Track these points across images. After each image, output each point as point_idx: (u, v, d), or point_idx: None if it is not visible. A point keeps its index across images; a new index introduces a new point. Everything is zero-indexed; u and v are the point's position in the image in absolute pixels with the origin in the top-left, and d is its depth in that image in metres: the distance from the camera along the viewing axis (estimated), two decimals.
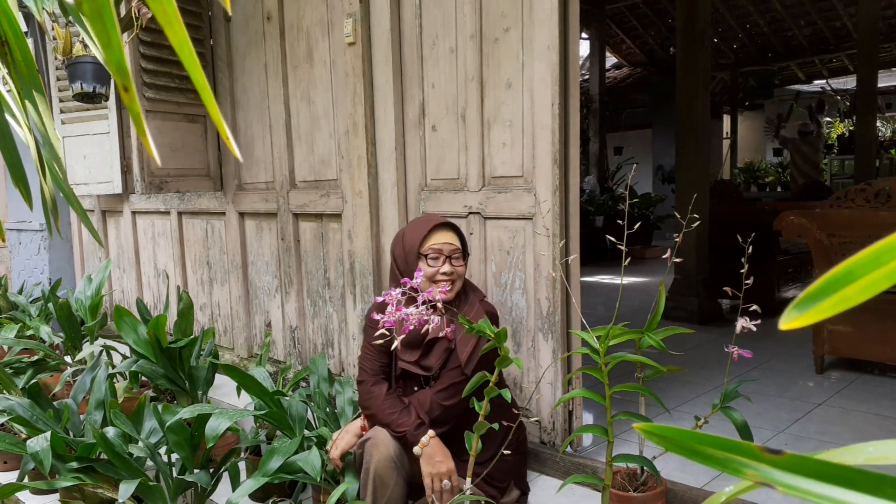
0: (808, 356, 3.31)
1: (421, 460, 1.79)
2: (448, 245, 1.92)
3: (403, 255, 1.96)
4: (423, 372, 1.94)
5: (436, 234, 1.94)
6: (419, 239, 1.93)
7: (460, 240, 1.98)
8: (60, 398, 2.64)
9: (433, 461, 1.78)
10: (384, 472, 1.78)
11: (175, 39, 0.47)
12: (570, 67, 2.16)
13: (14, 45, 0.86)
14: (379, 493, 1.77)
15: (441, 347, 1.91)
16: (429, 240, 1.93)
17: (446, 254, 1.91)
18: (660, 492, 1.78)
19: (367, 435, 1.87)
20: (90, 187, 3.59)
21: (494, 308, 2.03)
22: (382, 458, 1.78)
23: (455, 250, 1.93)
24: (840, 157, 10.49)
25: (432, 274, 1.89)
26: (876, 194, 3.07)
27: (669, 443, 0.38)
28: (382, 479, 1.78)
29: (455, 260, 1.92)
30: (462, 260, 1.96)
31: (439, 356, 1.92)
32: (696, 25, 4.25)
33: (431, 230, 1.94)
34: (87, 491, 2.00)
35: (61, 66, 3.05)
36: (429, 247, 1.92)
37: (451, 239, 1.94)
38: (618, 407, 1.88)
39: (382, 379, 1.99)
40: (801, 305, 0.34)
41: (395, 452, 1.80)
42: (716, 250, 4.37)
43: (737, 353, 1.69)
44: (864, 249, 0.33)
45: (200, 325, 3.69)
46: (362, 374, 2.01)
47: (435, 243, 1.92)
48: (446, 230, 1.96)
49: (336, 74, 2.79)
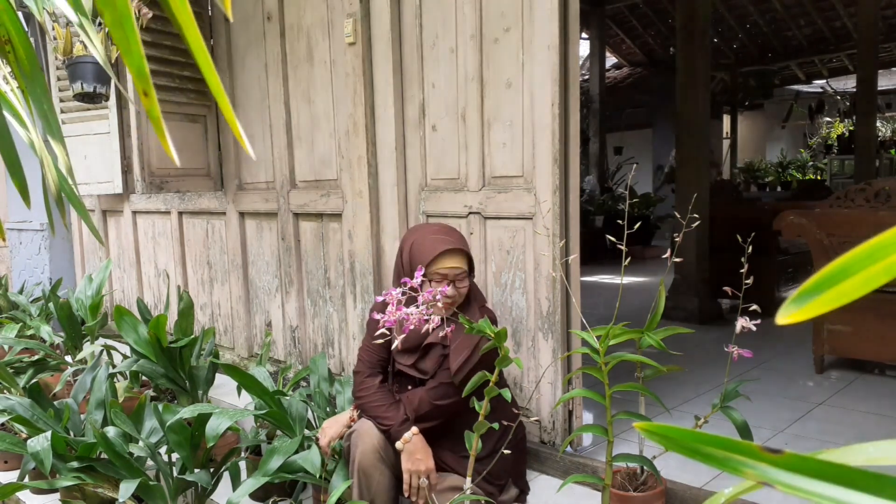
0: (808, 356, 3.31)
1: (402, 456, 1.81)
2: (454, 270, 1.89)
3: (410, 269, 1.91)
4: (419, 375, 1.96)
5: (444, 259, 1.89)
6: (427, 260, 1.88)
7: (468, 260, 1.95)
8: (61, 398, 2.64)
9: (413, 458, 1.81)
10: (368, 463, 1.80)
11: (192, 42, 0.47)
12: (570, 67, 2.16)
13: (17, 44, 0.87)
14: (364, 485, 1.80)
15: (437, 353, 1.93)
16: (436, 264, 1.89)
17: (451, 278, 1.89)
18: (660, 491, 1.79)
19: (353, 426, 1.88)
20: (90, 187, 3.59)
21: (494, 314, 2.04)
22: (367, 449, 1.81)
23: (461, 273, 1.90)
24: (840, 157, 10.49)
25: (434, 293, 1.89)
26: (876, 194, 3.07)
27: (670, 442, 0.38)
28: (367, 471, 1.80)
29: (459, 282, 1.90)
30: (466, 280, 1.93)
31: (436, 361, 1.93)
32: (696, 25, 4.25)
33: (440, 255, 1.89)
34: (88, 490, 2.00)
35: (62, 65, 3.05)
36: (434, 271, 1.88)
37: (459, 263, 1.91)
38: (618, 406, 1.88)
39: (378, 372, 2.01)
40: (798, 300, 0.35)
41: (379, 444, 1.83)
42: (716, 250, 4.37)
43: (737, 352, 1.69)
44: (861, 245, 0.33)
45: (201, 325, 3.69)
46: (359, 364, 2.04)
47: (442, 267, 1.88)
48: (455, 255, 1.91)
49: (336, 74, 2.79)
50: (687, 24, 4.30)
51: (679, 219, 1.84)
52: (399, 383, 2.02)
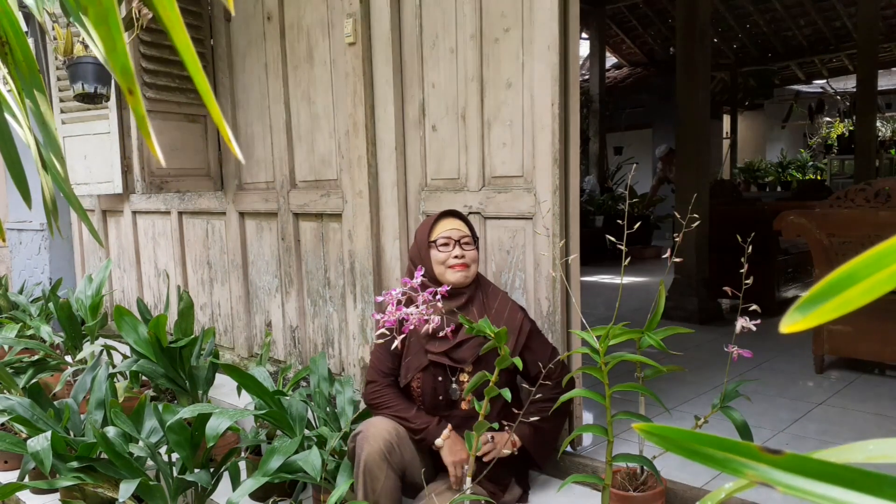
0: (807, 356, 3.31)
1: (443, 452, 1.89)
2: (456, 231, 2.00)
3: (417, 251, 2.04)
4: (453, 364, 1.95)
5: (442, 222, 2.02)
6: (427, 229, 2.02)
7: (468, 227, 2.05)
8: (61, 398, 2.64)
9: (454, 450, 1.89)
10: (375, 465, 1.80)
11: (180, 43, 0.47)
12: (570, 67, 2.16)
13: (15, 45, 0.87)
14: (369, 487, 1.80)
15: (477, 340, 1.92)
16: (436, 229, 2.01)
17: (456, 239, 1.98)
18: (660, 491, 1.79)
19: (358, 428, 1.88)
20: (90, 187, 3.59)
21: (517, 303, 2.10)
22: (373, 451, 1.80)
23: (464, 236, 2.00)
24: (840, 157, 10.48)
25: (444, 259, 1.97)
26: (876, 194, 3.06)
27: (669, 443, 0.38)
28: (373, 473, 1.80)
29: (466, 245, 1.99)
30: (472, 246, 2.01)
31: (474, 349, 1.93)
32: (696, 25, 4.25)
33: (437, 219, 2.03)
34: (88, 490, 2.00)
35: (62, 66, 3.05)
36: (438, 235, 1.99)
37: (459, 225, 2.02)
38: (618, 406, 1.88)
39: (392, 380, 2.03)
40: (802, 308, 0.34)
41: (386, 447, 1.82)
42: (716, 250, 4.37)
43: (737, 352, 1.69)
44: (865, 252, 0.33)
45: (201, 325, 3.69)
46: (373, 374, 2.04)
47: (443, 231, 2.00)
48: (452, 218, 2.04)
49: (336, 74, 2.79)
50: (687, 24, 4.30)
51: (679, 219, 1.84)
52: (430, 373, 1.97)
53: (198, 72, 0.48)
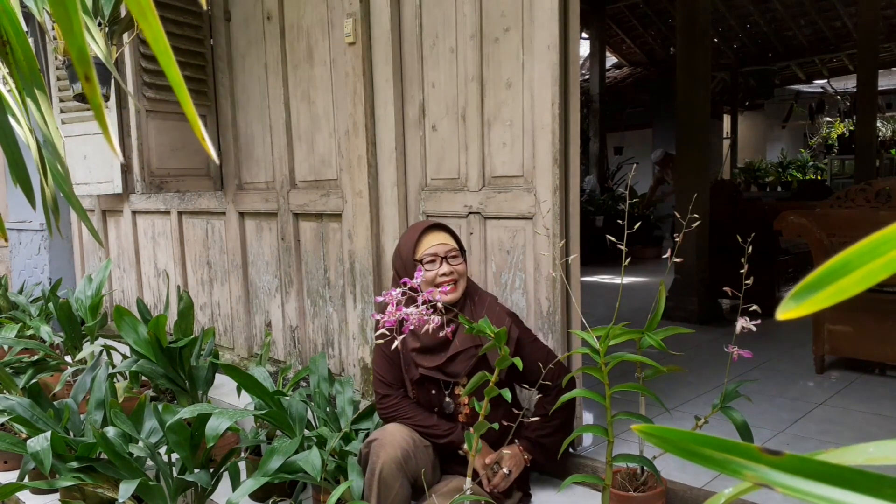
0: (808, 356, 3.31)
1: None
2: (442, 246, 1.93)
3: (403, 266, 1.97)
4: (446, 378, 1.93)
5: (427, 237, 1.95)
6: (412, 246, 1.94)
7: (455, 239, 1.98)
8: (61, 398, 2.64)
9: (483, 454, 1.91)
10: (389, 473, 1.78)
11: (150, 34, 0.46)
12: (570, 67, 2.16)
13: (16, 45, 0.86)
14: (383, 495, 1.77)
15: (469, 353, 1.91)
16: (421, 245, 1.94)
17: (442, 255, 1.92)
18: (660, 491, 1.78)
19: (373, 435, 1.87)
20: (90, 187, 3.59)
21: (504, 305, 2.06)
22: (389, 459, 1.78)
23: (451, 250, 1.94)
24: (840, 157, 10.48)
25: (432, 278, 1.90)
26: (876, 194, 3.06)
27: (668, 444, 0.38)
28: (387, 482, 1.78)
29: (453, 259, 1.93)
30: (460, 258, 1.96)
31: (466, 363, 1.91)
32: (696, 25, 4.25)
33: (421, 235, 1.95)
34: (88, 491, 2.00)
35: (61, 66, 3.04)
36: (423, 252, 1.93)
37: (444, 239, 1.95)
38: (618, 407, 1.88)
39: (403, 391, 2.01)
40: (797, 296, 0.34)
41: (402, 455, 1.80)
42: (716, 250, 4.37)
43: (737, 353, 1.69)
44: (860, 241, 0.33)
45: (200, 325, 3.69)
46: (383, 387, 2.00)
47: (428, 247, 1.93)
48: (437, 231, 1.97)
49: (336, 74, 2.79)
50: (687, 24, 4.30)
51: (679, 219, 1.84)
52: (419, 391, 1.97)
53: (170, 65, 0.47)
